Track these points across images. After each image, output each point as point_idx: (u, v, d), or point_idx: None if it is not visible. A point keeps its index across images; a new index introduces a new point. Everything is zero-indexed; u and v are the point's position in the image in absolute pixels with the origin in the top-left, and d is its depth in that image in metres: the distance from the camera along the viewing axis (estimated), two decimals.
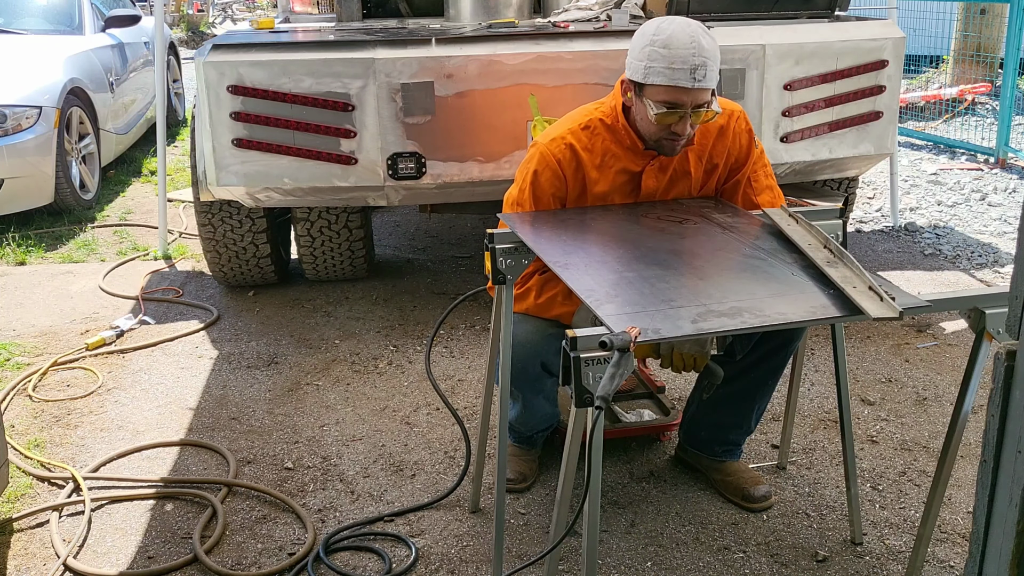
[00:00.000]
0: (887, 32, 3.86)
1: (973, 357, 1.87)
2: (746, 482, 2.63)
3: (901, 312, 1.65)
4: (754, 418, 2.63)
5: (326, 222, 4.12)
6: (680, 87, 2.14)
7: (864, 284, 1.77)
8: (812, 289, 1.81)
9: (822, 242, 1.98)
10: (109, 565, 2.41)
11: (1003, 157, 6.65)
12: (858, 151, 3.91)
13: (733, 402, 2.58)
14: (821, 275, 1.85)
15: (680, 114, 2.18)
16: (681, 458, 2.82)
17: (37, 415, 3.21)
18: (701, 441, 2.71)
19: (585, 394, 1.62)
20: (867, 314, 1.67)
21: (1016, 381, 1.02)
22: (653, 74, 2.15)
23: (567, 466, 1.81)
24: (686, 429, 2.76)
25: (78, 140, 5.91)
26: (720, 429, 2.65)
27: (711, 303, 1.74)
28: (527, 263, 2.16)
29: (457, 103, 3.55)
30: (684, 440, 2.78)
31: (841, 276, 1.82)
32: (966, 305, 1.81)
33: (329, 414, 3.20)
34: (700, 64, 2.12)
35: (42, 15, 6.90)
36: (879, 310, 1.68)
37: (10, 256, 4.96)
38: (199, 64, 3.47)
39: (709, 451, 2.69)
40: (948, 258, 4.83)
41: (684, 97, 2.16)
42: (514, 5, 4.41)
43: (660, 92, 2.17)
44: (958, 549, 2.43)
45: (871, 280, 1.76)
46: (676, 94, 2.16)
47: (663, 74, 2.14)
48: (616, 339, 1.55)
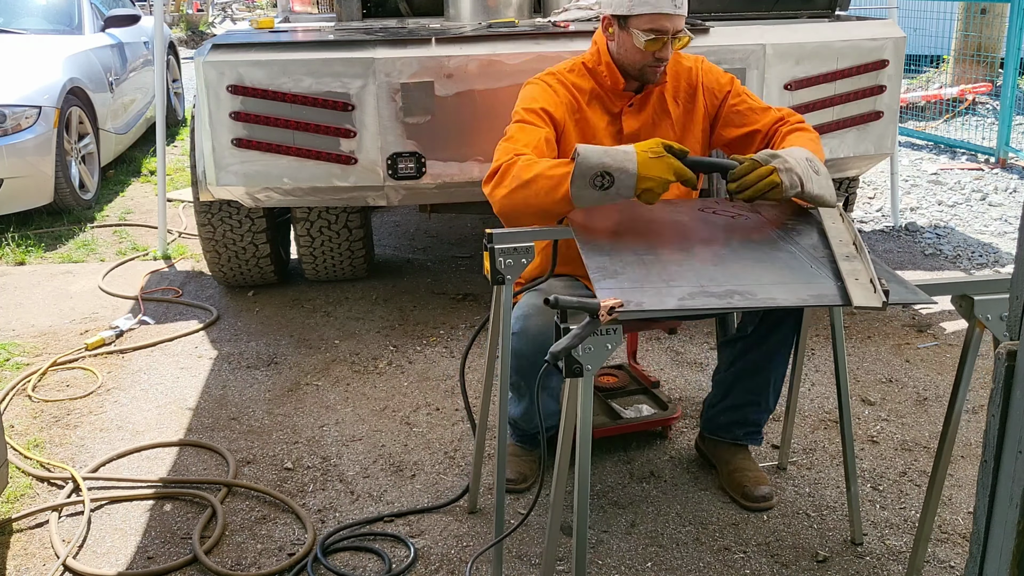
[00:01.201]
0: (887, 32, 3.86)
1: (966, 346, 1.87)
2: (749, 480, 2.63)
3: (884, 303, 1.69)
4: (771, 395, 2.65)
5: (326, 222, 4.12)
6: (664, 13, 2.36)
7: (867, 276, 1.78)
8: (819, 279, 1.83)
9: (852, 239, 2.01)
10: (109, 565, 2.41)
11: (1004, 157, 6.65)
12: (858, 151, 3.91)
13: (747, 377, 2.61)
14: (836, 268, 1.87)
15: (664, 40, 2.38)
16: (700, 448, 2.85)
17: (37, 415, 3.21)
18: (721, 426, 2.72)
19: (574, 363, 1.69)
20: (852, 302, 1.69)
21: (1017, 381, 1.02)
22: (638, 4, 2.36)
23: (561, 450, 1.84)
24: (707, 417, 2.77)
25: (78, 140, 5.91)
26: (738, 410, 2.66)
27: (710, 285, 1.79)
28: (526, 263, 2.17)
29: (457, 103, 3.55)
30: (704, 428, 2.80)
31: (850, 269, 1.84)
32: (956, 291, 1.82)
33: (329, 414, 3.20)
34: None
35: (42, 15, 6.90)
36: (864, 299, 1.70)
37: (10, 256, 4.96)
38: (199, 64, 3.47)
39: (731, 435, 2.71)
40: (948, 258, 4.83)
41: (667, 23, 2.37)
42: (514, 5, 4.41)
43: (646, 21, 2.37)
44: (958, 549, 2.43)
45: (874, 273, 1.77)
46: (660, 21, 2.36)
47: (648, 3, 2.35)
48: (565, 302, 1.65)
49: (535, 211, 2.20)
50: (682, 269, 1.87)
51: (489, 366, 2.44)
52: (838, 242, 2.01)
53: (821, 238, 2.07)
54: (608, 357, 1.71)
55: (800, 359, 2.65)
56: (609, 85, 2.50)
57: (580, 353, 1.67)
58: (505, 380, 2.26)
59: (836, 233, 2.06)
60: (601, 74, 2.50)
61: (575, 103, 2.49)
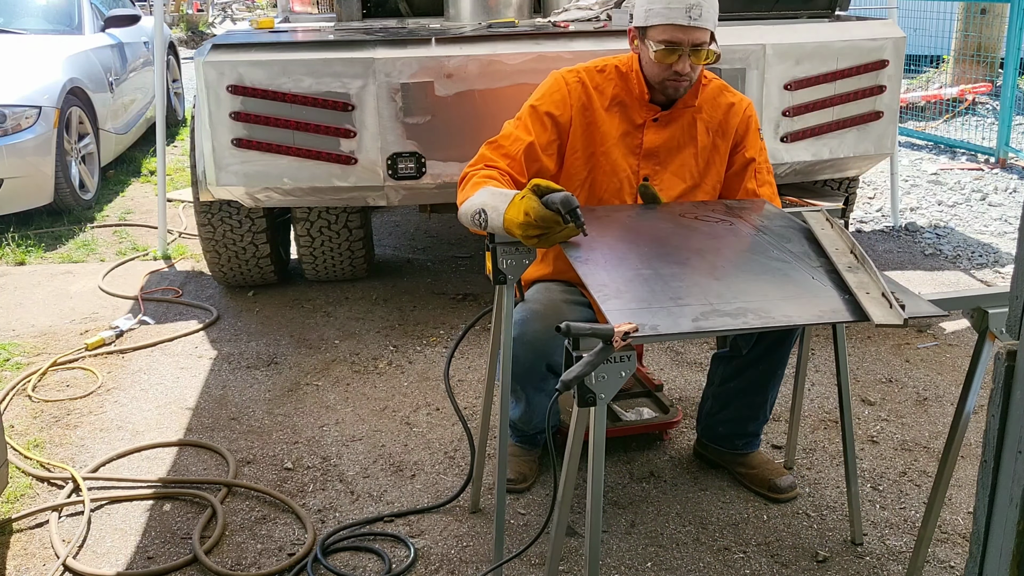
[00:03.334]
0: (887, 32, 3.86)
1: (976, 357, 1.87)
2: (772, 473, 2.67)
3: (906, 320, 1.65)
4: (768, 407, 2.67)
5: (326, 222, 4.12)
6: (676, 25, 2.28)
7: (878, 290, 1.76)
8: (826, 293, 1.79)
9: (849, 247, 1.98)
10: (109, 565, 2.41)
11: (1003, 157, 6.65)
12: (858, 151, 3.91)
13: (746, 395, 2.62)
14: (841, 280, 1.84)
15: (679, 52, 2.30)
16: (701, 454, 2.84)
17: (37, 415, 3.21)
18: (721, 436, 2.73)
19: (587, 393, 1.61)
20: (871, 319, 1.67)
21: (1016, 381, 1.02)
22: (652, 15, 2.30)
23: (569, 465, 1.81)
24: (704, 425, 2.78)
25: (78, 140, 5.91)
26: (737, 423, 2.68)
27: (719, 303, 1.74)
28: (528, 263, 2.16)
29: (457, 103, 3.55)
30: (703, 436, 2.80)
31: (858, 281, 1.80)
32: (969, 305, 1.80)
33: (329, 414, 3.20)
34: (695, 3, 2.27)
35: (42, 15, 6.90)
36: (884, 316, 1.66)
37: (10, 256, 4.96)
38: (199, 64, 3.47)
39: (731, 445, 2.73)
40: (948, 258, 4.83)
41: (681, 35, 2.29)
42: (514, 5, 4.41)
43: (659, 32, 2.31)
44: (958, 549, 2.43)
45: (885, 287, 1.75)
46: (673, 32, 2.29)
47: (661, 14, 2.29)
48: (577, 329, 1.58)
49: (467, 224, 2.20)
50: (684, 285, 1.83)
51: (491, 367, 2.44)
52: (834, 250, 1.97)
53: (812, 245, 2.05)
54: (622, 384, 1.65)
55: (804, 361, 2.65)
56: (636, 94, 2.44)
57: (594, 382, 1.61)
58: (506, 380, 2.25)
59: (829, 241, 2.03)
60: (631, 80, 2.45)
61: (589, 104, 2.44)
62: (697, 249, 2.06)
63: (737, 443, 2.72)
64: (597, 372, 1.60)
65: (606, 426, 2.86)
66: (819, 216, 2.19)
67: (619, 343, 1.56)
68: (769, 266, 1.95)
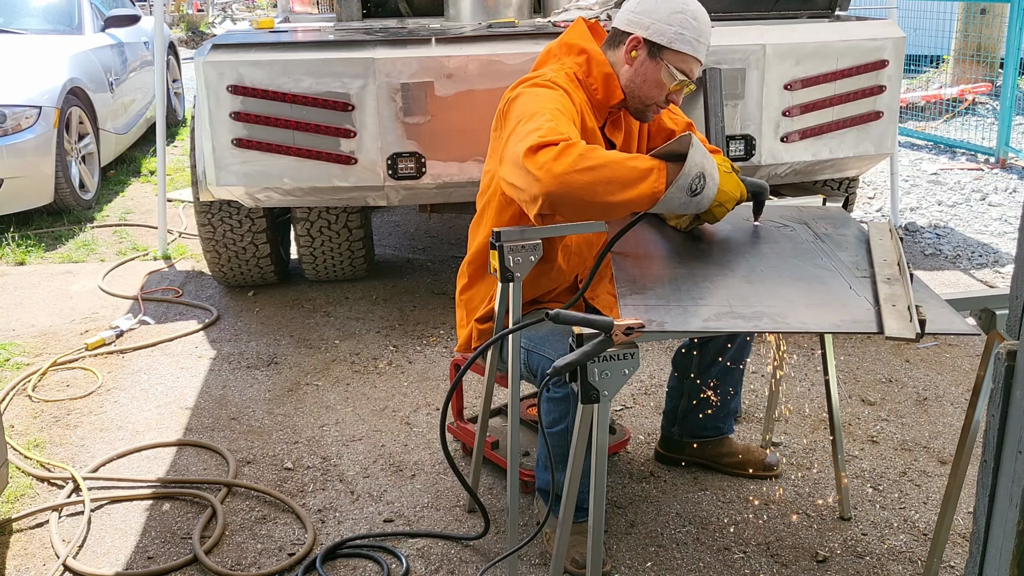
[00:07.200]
0: (887, 32, 3.86)
1: (985, 359, 1.85)
2: (758, 454, 2.75)
3: (918, 335, 1.61)
4: (741, 380, 2.75)
5: (326, 222, 4.12)
6: (699, 59, 2.25)
7: (904, 303, 1.72)
8: (856, 303, 1.75)
9: (896, 260, 1.94)
10: (109, 565, 2.41)
11: (1003, 157, 6.65)
12: (858, 151, 3.91)
13: (725, 375, 2.66)
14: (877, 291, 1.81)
15: (686, 84, 2.26)
16: (669, 457, 2.82)
17: (37, 415, 3.21)
18: (701, 425, 2.73)
19: (591, 390, 1.61)
20: (884, 332, 1.64)
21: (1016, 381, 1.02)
22: (682, 42, 2.21)
23: (574, 462, 1.81)
24: (679, 424, 2.76)
25: (78, 140, 5.91)
26: (723, 407, 2.71)
27: (740, 305, 1.71)
28: (535, 260, 2.14)
29: (457, 103, 3.55)
30: (682, 436, 2.77)
31: (890, 293, 1.77)
32: (977, 306, 1.79)
33: (329, 414, 3.20)
34: (709, 44, 2.26)
35: (42, 15, 6.90)
36: (897, 329, 1.62)
37: (10, 256, 4.96)
38: (199, 64, 3.47)
39: (714, 430, 2.74)
40: (948, 258, 4.83)
41: (696, 70, 2.26)
42: (514, 5, 4.41)
43: (683, 60, 2.23)
44: (958, 549, 2.43)
45: (912, 299, 1.71)
46: (693, 65, 2.25)
47: (691, 44, 2.21)
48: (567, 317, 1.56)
49: (591, 201, 1.91)
50: (713, 286, 1.80)
51: (490, 373, 2.44)
52: (882, 261, 1.94)
53: (867, 255, 2.01)
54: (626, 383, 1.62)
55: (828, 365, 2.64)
56: (600, 99, 2.30)
57: (596, 379, 1.57)
58: (516, 383, 2.22)
59: (882, 252, 1.99)
60: (591, 87, 2.30)
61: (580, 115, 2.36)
62: (743, 252, 2.05)
63: (721, 427, 2.75)
64: (600, 369, 1.59)
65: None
66: (883, 226, 2.15)
67: (620, 337, 1.54)
68: (807, 272, 1.91)
